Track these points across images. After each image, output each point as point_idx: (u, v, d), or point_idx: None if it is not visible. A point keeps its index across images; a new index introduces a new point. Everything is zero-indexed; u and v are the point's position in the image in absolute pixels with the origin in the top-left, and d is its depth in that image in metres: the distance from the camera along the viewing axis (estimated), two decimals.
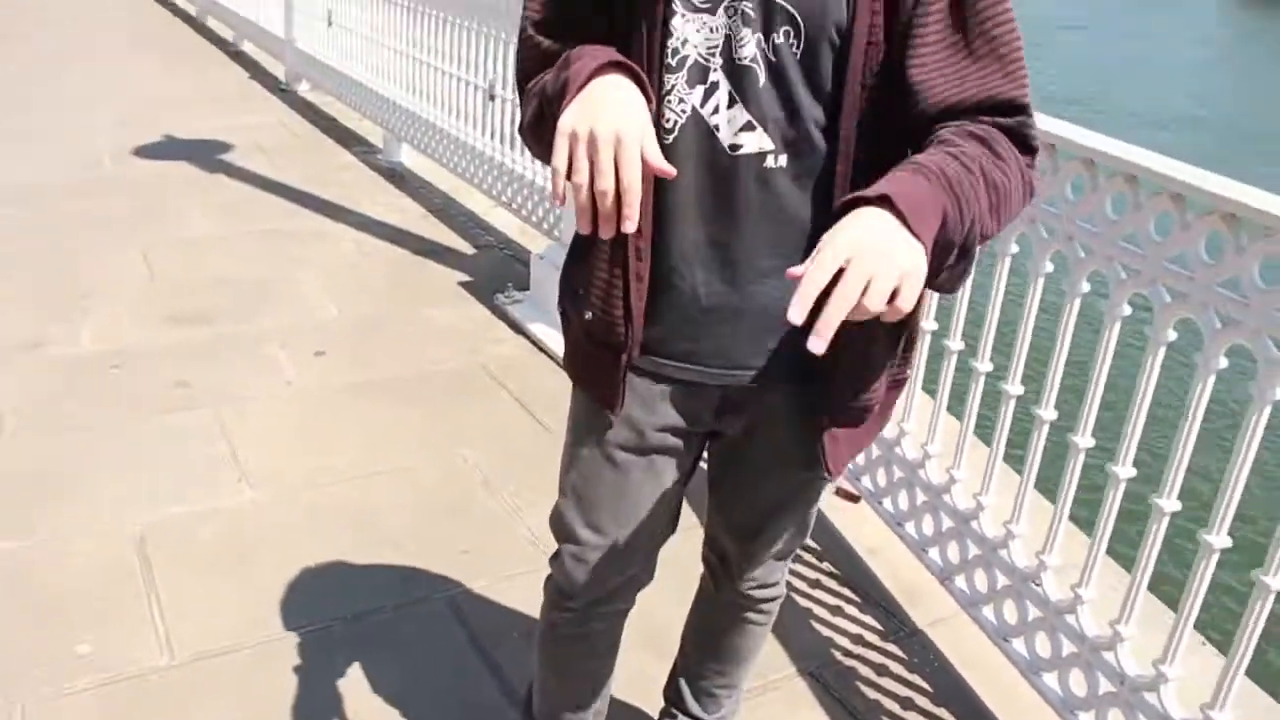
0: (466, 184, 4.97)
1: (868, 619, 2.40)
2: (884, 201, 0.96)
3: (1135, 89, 15.41)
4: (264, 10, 8.08)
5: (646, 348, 1.32)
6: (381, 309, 3.98)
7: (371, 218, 4.94)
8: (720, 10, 1.15)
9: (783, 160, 1.19)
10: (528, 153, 4.05)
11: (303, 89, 7.49)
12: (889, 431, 2.52)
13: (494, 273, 4.31)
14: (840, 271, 0.91)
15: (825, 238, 0.94)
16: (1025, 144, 1.17)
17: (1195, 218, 1.73)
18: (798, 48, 1.15)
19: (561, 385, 1.52)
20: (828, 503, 2.68)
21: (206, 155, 5.79)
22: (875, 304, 0.92)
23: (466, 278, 4.27)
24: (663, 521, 1.49)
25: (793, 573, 2.45)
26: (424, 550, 2.54)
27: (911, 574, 2.50)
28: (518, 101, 1.35)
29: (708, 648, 1.80)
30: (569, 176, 1.06)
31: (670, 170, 1.07)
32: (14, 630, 2.23)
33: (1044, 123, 1.73)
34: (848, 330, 0.93)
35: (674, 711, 1.88)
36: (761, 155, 1.19)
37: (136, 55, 8.90)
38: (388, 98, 5.74)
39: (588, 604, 1.53)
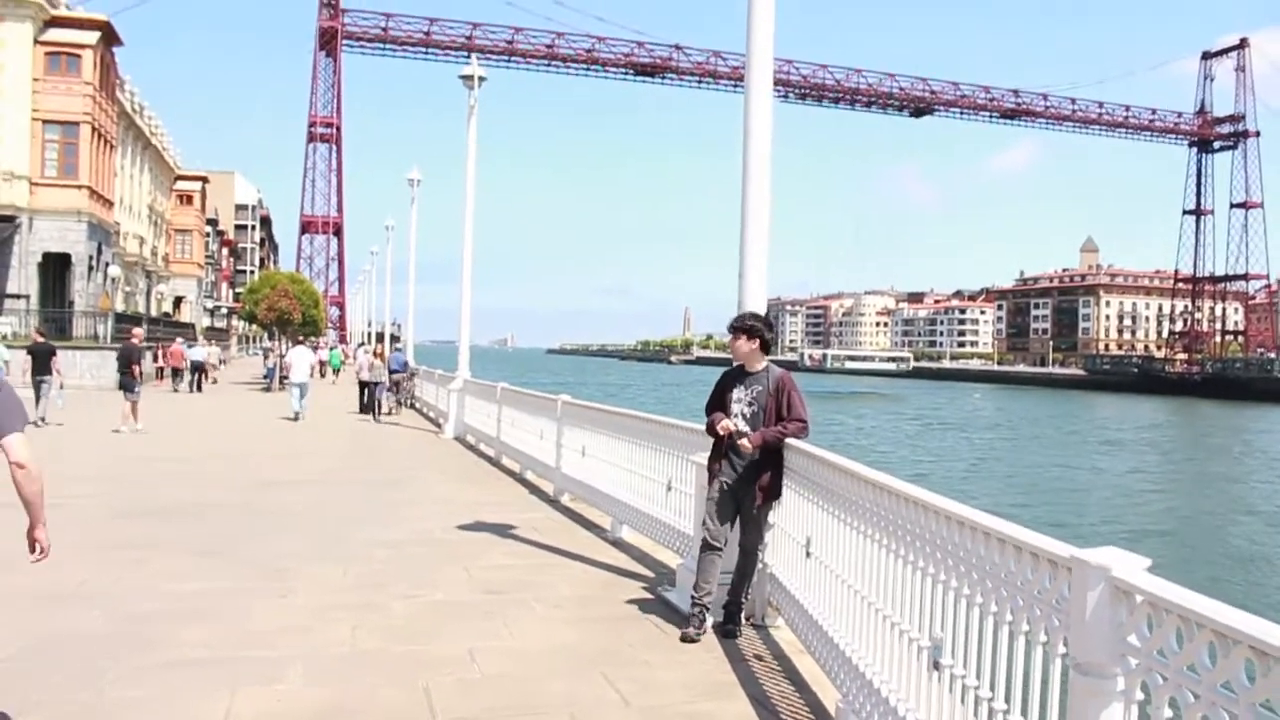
0: (655, 543, 8.04)
1: None
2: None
3: None
4: (541, 449, 11.98)
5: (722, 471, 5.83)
6: (593, 592, 6.92)
7: (597, 560, 8.02)
8: (740, 403, 5.82)
9: (747, 428, 5.62)
10: (682, 518, 7.24)
11: (564, 499, 11.02)
12: None
13: (662, 582, 7.19)
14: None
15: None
16: (802, 426, 5.60)
17: None
18: (758, 408, 5.58)
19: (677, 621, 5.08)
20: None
21: (501, 531, 9.18)
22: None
23: (646, 585, 7.18)
24: (731, 519, 5.85)
25: None
26: None
27: None
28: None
29: (738, 572, 5.95)
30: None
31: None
32: None
33: None
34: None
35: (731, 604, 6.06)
36: (741, 432, 5.54)
37: (455, 481, 12.98)
38: (614, 496, 9.07)
39: (710, 543, 5.81)
